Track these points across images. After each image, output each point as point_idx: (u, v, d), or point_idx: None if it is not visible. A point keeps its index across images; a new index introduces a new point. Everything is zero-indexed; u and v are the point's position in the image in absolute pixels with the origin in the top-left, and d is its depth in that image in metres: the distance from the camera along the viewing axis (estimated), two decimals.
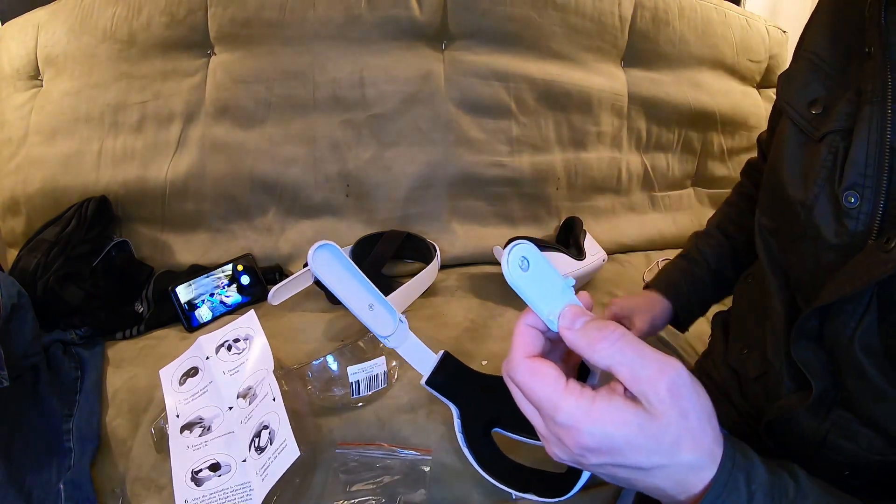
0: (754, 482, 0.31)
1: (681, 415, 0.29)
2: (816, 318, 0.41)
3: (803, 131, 0.44)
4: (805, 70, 0.46)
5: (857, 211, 0.38)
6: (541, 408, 0.31)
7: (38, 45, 0.97)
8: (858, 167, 0.39)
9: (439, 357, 0.53)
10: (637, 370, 0.29)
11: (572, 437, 0.30)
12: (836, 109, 0.42)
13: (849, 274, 0.37)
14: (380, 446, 0.59)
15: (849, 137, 0.40)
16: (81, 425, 0.63)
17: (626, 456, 0.29)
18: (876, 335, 0.37)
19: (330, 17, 0.91)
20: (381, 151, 0.95)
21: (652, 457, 0.29)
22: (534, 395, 0.31)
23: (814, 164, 0.42)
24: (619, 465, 0.30)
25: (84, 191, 0.92)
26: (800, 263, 0.44)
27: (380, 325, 0.49)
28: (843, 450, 0.42)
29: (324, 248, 0.45)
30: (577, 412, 0.29)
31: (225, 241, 0.95)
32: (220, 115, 0.93)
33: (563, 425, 0.30)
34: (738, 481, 0.30)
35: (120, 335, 0.82)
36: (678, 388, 0.29)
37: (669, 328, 0.73)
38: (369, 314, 0.48)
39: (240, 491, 0.54)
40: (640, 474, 0.30)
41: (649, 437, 0.29)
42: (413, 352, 0.53)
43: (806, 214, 0.42)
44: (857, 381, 0.39)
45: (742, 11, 1.22)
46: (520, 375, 0.32)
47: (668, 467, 0.30)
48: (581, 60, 1.04)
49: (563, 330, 0.32)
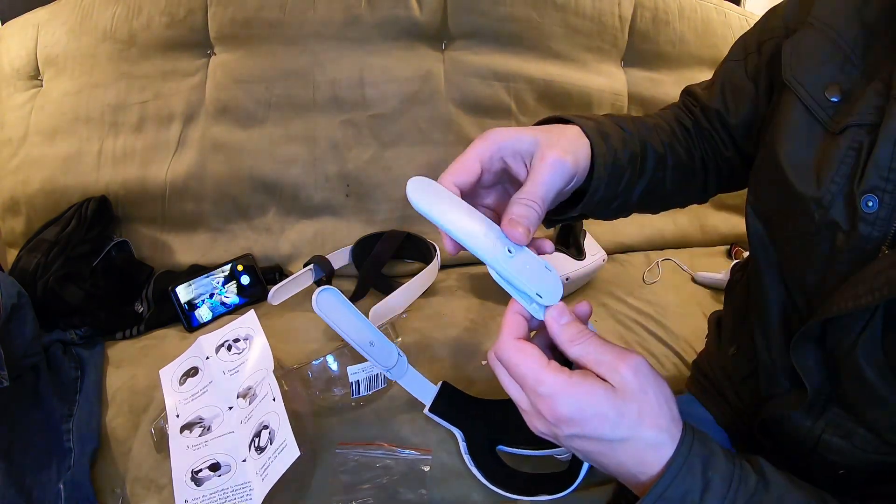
0: (711, 468, 0.33)
1: (641, 390, 0.34)
2: (820, 322, 0.39)
3: (817, 119, 0.40)
4: (821, 46, 0.41)
5: (874, 216, 0.36)
6: (525, 382, 0.35)
7: (38, 45, 0.97)
8: (881, 169, 0.35)
9: (439, 387, 0.58)
10: (602, 357, 0.35)
11: (550, 407, 0.34)
12: (861, 100, 0.38)
13: (866, 283, 0.34)
14: (380, 446, 0.59)
15: (874, 133, 0.36)
16: (81, 425, 0.63)
17: (594, 427, 0.33)
18: (879, 343, 0.36)
19: (330, 17, 0.91)
20: (381, 151, 0.95)
21: (616, 429, 0.33)
22: (519, 370, 0.35)
23: (830, 159, 0.38)
24: (588, 437, 0.34)
25: (84, 191, 0.92)
26: (806, 263, 0.41)
27: (381, 359, 0.53)
28: (838, 449, 0.41)
29: (326, 291, 0.50)
30: (556, 384, 0.34)
31: (225, 241, 0.95)
32: (220, 115, 0.93)
33: (543, 395, 0.34)
34: (694, 465, 0.33)
35: (120, 335, 0.82)
36: (638, 370, 0.34)
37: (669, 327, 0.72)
38: (371, 350, 0.52)
39: (240, 491, 0.54)
40: (606, 447, 0.34)
41: (614, 407, 0.33)
42: (413, 383, 0.57)
43: (821, 215, 0.38)
44: (856, 385, 0.39)
45: (742, 11, 1.22)
46: (507, 353, 0.36)
47: (631, 440, 0.33)
48: (581, 60, 1.04)
49: (550, 320, 0.37)
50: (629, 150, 0.47)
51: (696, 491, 0.33)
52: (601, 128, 0.45)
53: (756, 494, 0.33)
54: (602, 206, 0.47)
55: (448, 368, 0.70)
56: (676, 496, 0.33)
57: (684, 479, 0.33)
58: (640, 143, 0.49)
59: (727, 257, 1.15)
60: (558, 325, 0.37)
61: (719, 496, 0.33)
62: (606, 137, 0.45)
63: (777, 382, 0.45)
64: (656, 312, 0.89)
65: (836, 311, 0.36)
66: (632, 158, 0.47)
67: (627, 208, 0.52)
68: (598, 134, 0.44)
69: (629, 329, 0.85)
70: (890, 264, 0.34)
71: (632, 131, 0.49)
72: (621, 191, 0.48)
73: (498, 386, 0.39)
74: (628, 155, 0.47)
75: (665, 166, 0.52)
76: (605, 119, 0.48)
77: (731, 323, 0.59)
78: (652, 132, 0.52)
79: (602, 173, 0.44)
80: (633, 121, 0.52)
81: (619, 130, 0.47)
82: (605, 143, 0.44)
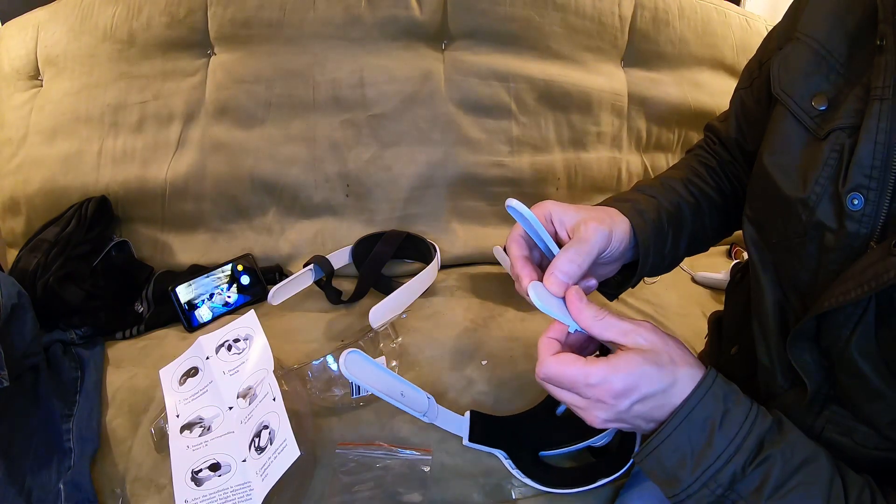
0: (731, 401, 0.39)
1: (663, 342, 0.41)
2: (814, 319, 0.40)
3: (805, 127, 0.42)
4: (806, 58, 0.43)
5: (861, 214, 0.37)
6: (575, 383, 0.40)
7: (38, 45, 0.97)
8: (864, 168, 0.37)
9: (468, 416, 0.61)
10: (624, 327, 0.41)
11: (606, 390, 0.39)
12: (843, 106, 0.39)
13: (855, 278, 0.35)
14: (380, 446, 0.59)
15: (855, 135, 0.38)
16: (81, 425, 0.63)
17: (646, 386, 0.39)
18: (873, 337, 0.37)
19: (330, 17, 0.91)
20: (381, 151, 0.95)
21: (662, 378, 0.39)
22: (566, 376, 0.40)
23: (815, 162, 0.40)
24: (645, 397, 0.39)
25: (84, 191, 0.92)
26: (798, 264, 0.42)
27: (415, 406, 0.55)
28: (840, 446, 0.42)
29: (353, 353, 0.51)
30: (601, 371, 0.39)
31: (225, 241, 0.95)
32: (220, 115, 0.93)
33: (595, 385, 0.39)
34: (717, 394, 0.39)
35: (120, 335, 0.82)
36: (654, 329, 0.41)
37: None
38: (403, 399, 0.54)
39: (240, 491, 0.54)
40: (661, 398, 0.39)
41: (653, 363, 0.39)
42: (447, 420, 0.59)
43: (808, 216, 0.40)
44: (852, 381, 0.39)
45: (742, 11, 1.22)
46: (551, 368, 0.41)
47: (676, 383, 0.39)
48: (581, 60, 1.04)
49: (573, 301, 0.42)
50: (665, 215, 0.53)
51: (717, 416, 0.38)
52: (636, 206, 0.51)
53: (770, 432, 0.39)
54: (655, 268, 0.54)
55: (448, 368, 0.70)
56: (699, 419, 0.38)
57: (707, 405, 0.38)
58: (673, 204, 0.54)
59: (727, 257, 1.15)
60: (580, 306, 0.42)
61: (737, 424, 0.38)
62: (642, 213, 0.51)
63: (776, 382, 0.46)
64: (656, 312, 0.89)
65: (827, 307, 0.37)
66: (670, 220, 0.53)
67: (678, 259, 0.57)
68: (635, 213, 0.50)
69: None
70: (878, 258, 0.35)
71: (662, 195, 0.55)
72: (669, 251, 0.54)
73: (497, 386, 0.42)
74: (665, 218, 0.53)
75: (702, 213, 0.57)
76: (636, 195, 0.54)
77: (732, 323, 0.59)
78: (681, 186, 0.57)
79: (647, 244, 0.50)
80: (663, 183, 0.57)
81: (651, 200, 0.53)
82: (641, 218, 0.50)
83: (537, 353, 0.43)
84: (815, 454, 0.38)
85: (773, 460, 0.37)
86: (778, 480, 0.36)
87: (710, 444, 0.38)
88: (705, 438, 0.38)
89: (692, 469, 0.38)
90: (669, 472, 0.40)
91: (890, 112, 0.36)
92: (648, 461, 0.40)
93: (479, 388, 0.67)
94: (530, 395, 0.66)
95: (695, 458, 0.38)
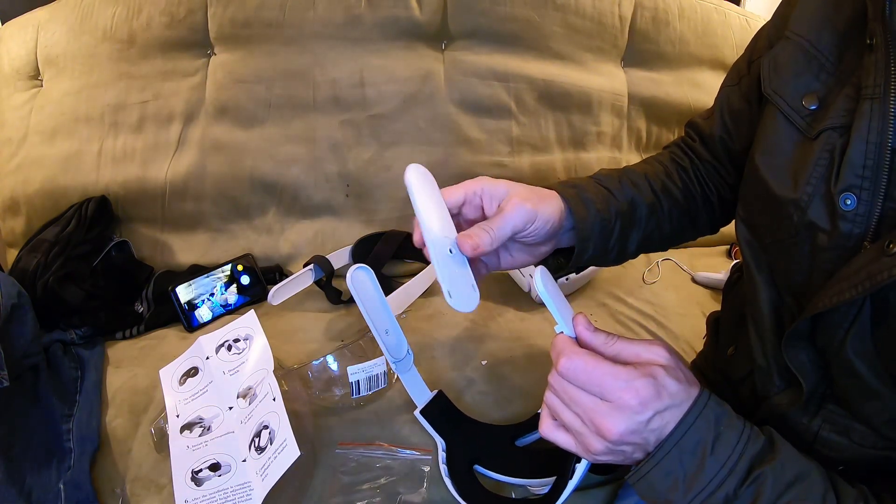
0: (723, 424, 0.38)
1: (676, 361, 0.40)
2: (809, 320, 0.40)
3: (796, 127, 0.42)
4: (796, 58, 0.43)
5: (853, 214, 0.37)
6: (602, 380, 0.38)
7: (38, 45, 0.97)
8: (856, 168, 0.37)
9: (434, 394, 0.60)
10: (636, 349, 0.40)
11: (633, 395, 0.37)
12: (834, 105, 0.39)
13: (849, 278, 0.35)
14: (380, 446, 0.59)
15: (846, 135, 0.37)
16: (81, 425, 0.63)
17: (670, 395, 0.38)
18: (869, 337, 0.36)
19: (330, 17, 0.91)
20: (381, 151, 0.95)
21: (688, 389, 0.39)
22: (596, 371, 0.38)
23: (806, 163, 0.40)
24: (668, 408, 0.38)
25: (84, 191, 0.92)
26: (792, 264, 0.42)
27: (392, 349, 0.55)
28: (837, 445, 0.42)
29: (362, 269, 0.52)
30: (628, 372, 0.38)
31: (225, 241, 0.95)
32: (220, 115, 0.93)
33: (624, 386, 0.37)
34: (708, 418, 0.38)
35: (120, 335, 0.82)
36: (667, 347, 0.40)
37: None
38: (385, 337, 0.54)
39: (240, 491, 0.54)
40: (678, 412, 0.38)
41: (674, 376, 0.38)
42: (412, 382, 0.59)
43: (800, 216, 0.40)
44: (848, 380, 0.39)
45: (742, 11, 1.22)
46: (579, 361, 0.39)
47: (691, 401, 0.38)
48: (581, 60, 1.04)
49: (583, 330, 0.42)
50: (614, 208, 0.52)
51: (708, 440, 0.37)
52: (583, 193, 0.51)
53: (762, 452, 0.38)
54: (597, 259, 0.54)
55: (448, 368, 0.70)
56: (690, 444, 0.37)
57: (699, 429, 0.37)
58: (627, 199, 0.54)
59: (727, 257, 1.15)
60: (590, 335, 0.41)
61: (729, 447, 0.37)
62: (587, 202, 0.50)
63: (772, 382, 0.46)
64: (656, 312, 0.89)
65: (821, 307, 0.37)
66: (619, 214, 0.52)
67: (627, 255, 0.57)
68: (578, 200, 0.50)
69: (629, 329, 0.85)
70: (872, 258, 0.34)
71: (618, 189, 0.54)
72: (614, 244, 0.53)
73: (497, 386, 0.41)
74: (614, 212, 0.52)
75: (660, 213, 0.56)
76: (588, 183, 0.53)
77: (730, 323, 0.59)
78: (644, 182, 0.56)
79: (586, 233, 0.50)
80: (622, 175, 0.56)
81: (603, 191, 0.53)
82: (584, 206, 0.50)
83: (553, 351, 0.41)
84: (808, 469, 0.37)
85: (764, 478, 0.36)
86: (770, 498, 0.36)
87: (702, 468, 0.37)
88: (697, 462, 0.37)
89: (684, 493, 0.38)
90: (661, 496, 0.39)
91: (880, 112, 0.36)
92: (641, 484, 0.40)
93: (479, 388, 0.67)
94: (530, 395, 0.66)
95: (686, 482, 0.37)
